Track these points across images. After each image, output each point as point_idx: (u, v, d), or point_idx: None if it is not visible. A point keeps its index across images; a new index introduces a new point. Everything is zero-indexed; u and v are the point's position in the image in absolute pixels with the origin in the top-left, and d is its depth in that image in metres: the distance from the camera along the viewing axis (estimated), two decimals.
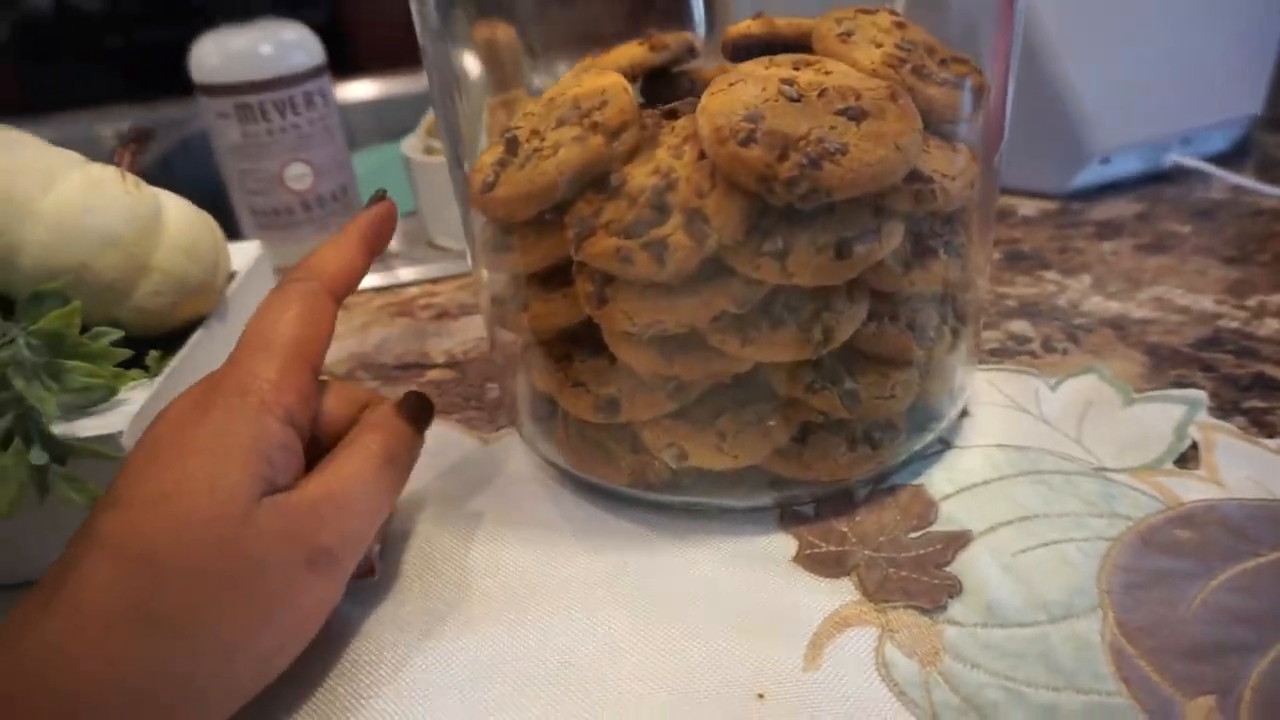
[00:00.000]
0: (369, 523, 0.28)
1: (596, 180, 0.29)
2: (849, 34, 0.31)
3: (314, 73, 0.53)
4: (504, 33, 0.36)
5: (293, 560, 0.24)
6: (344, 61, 1.23)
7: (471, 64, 0.35)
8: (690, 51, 0.35)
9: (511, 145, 0.30)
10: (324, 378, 0.30)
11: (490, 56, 0.36)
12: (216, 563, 0.23)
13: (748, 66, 0.29)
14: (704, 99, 0.28)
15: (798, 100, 0.27)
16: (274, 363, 0.27)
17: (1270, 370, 0.37)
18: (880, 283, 0.30)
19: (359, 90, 1.09)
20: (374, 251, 0.32)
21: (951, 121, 0.30)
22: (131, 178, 0.33)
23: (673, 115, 0.30)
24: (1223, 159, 0.58)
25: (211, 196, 0.38)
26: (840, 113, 0.27)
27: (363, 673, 0.27)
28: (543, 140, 0.30)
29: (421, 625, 0.29)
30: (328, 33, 0.57)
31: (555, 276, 0.32)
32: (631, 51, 0.33)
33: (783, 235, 0.27)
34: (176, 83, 0.63)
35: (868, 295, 0.30)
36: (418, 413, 0.31)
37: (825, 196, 0.26)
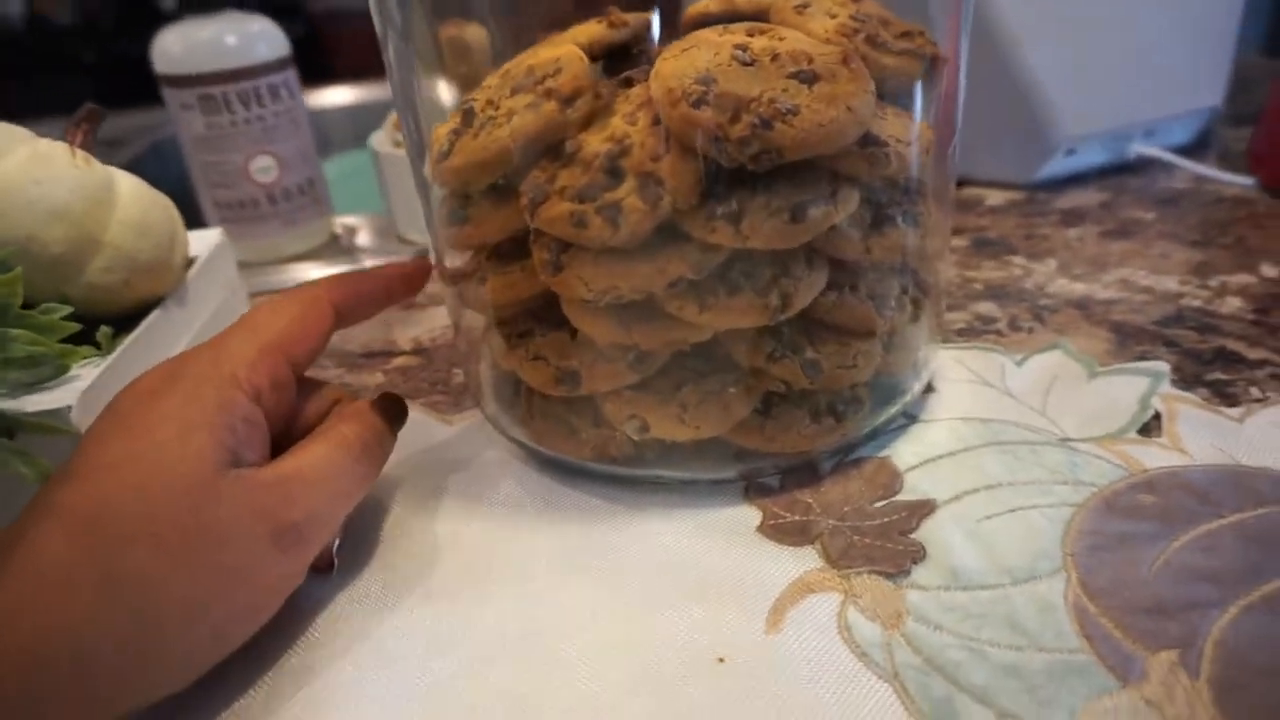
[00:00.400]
0: (337, 506, 0.27)
1: (551, 148, 0.29)
2: (805, 6, 0.31)
3: (279, 65, 0.53)
4: (472, 32, 0.36)
5: (257, 534, 0.24)
6: (320, 72, 1.23)
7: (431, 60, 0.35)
8: (649, 30, 0.35)
9: (467, 116, 0.30)
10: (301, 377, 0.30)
11: (457, 55, 0.36)
12: (177, 529, 0.22)
13: (702, 33, 0.29)
14: (657, 64, 0.28)
15: (750, 65, 0.27)
16: (252, 346, 0.27)
17: (1232, 344, 0.38)
18: (838, 251, 0.30)
19: (333, 96, 1.09)
20: (392, 294, 0.33)
21: (908, 90, 0.30)
22: (82, 154, 0.33)
23: (628, 84, 0.30)
24: (1185, 151, 0.58)
25: (181, 200, 0.38)
26: (792, 75, 0.27)
27: (319, 645, 0.27)
28: (497, 109, 0.29)
29: (380, 598, 0.28)
30: (305, 45, 0.57)
31: (513, 251, 0.32)
32: (591, 29, 0.33)
33: (737, 198, 0.27)
34: (147, 91, 0.63)
35: (826, 264, 0.30)
36: (391, 410, 0.31)
37: (777, 157, 0.26)
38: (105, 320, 0.33)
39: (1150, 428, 0.33)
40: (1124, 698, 0.23)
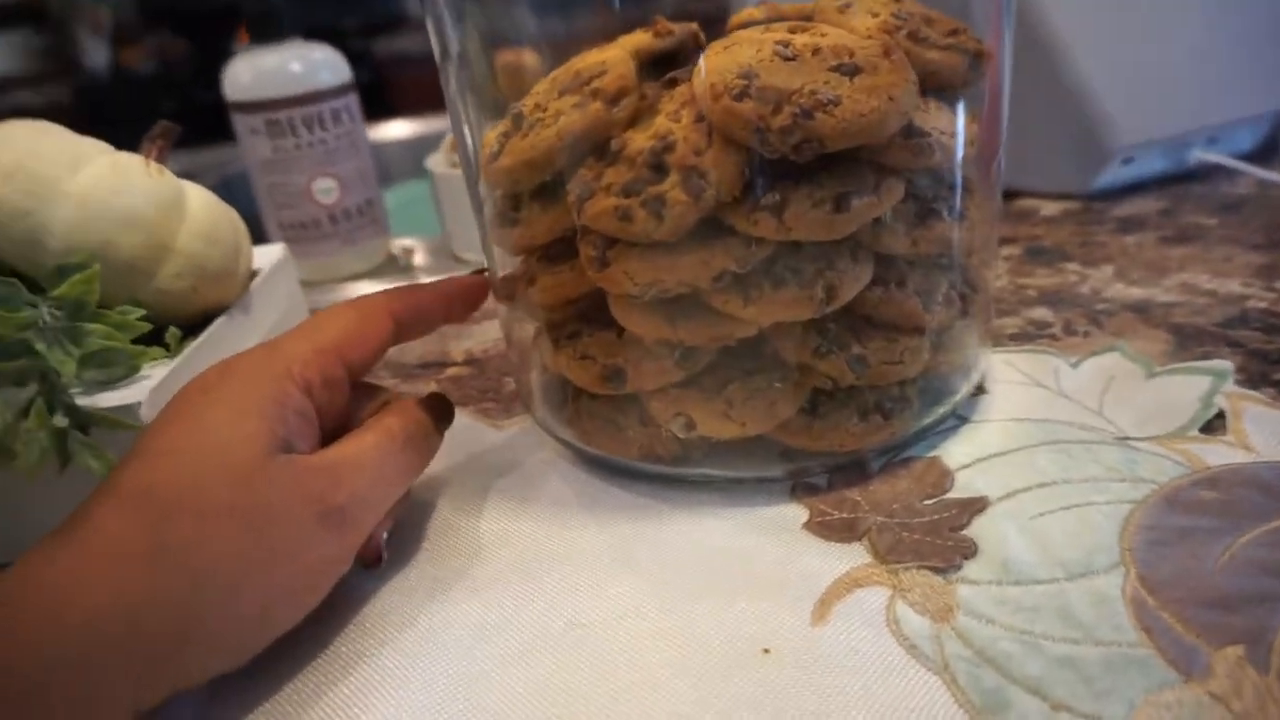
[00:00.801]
0: (383, 493, 0.28)
1: (598, 146, 0.29)
2: (847, 5, 0.31)
3: (341, 90, 0.55)
4: (529, 58, 0.37)
5: (304, 514, 0.25)
6: (384, 110, 1.28)
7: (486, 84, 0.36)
8: (695, 40, 0.36)
9: (517, 119, 0.31)
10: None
11: (512, 79, 0.37)
12: (226, 503, 0.23)
13: (745, 32, 0.29)
14: (700, 61, 0.28)
15: (792, 59, 0.28)
16: (308, 344, 0.28)
17: None
18: (883, 245, 0.30)
19: (394, 130, 1.13)
20: (451, 310, 0.34)
21: (952, 85, 0.30)
22: (155, 165, 0.34)
23: (672, 84, 0.31)
24: (1250, 157, 0.57)
25: (248, 225, 0.40)
26: (834, 69, 0.27)
27: (367, 633, 0.27)
28: (545, 111, 0.30)
29: (428, 590, 0.29)
30: (371, 91, 0.60)
31: (562, 252, 0.32)
32: (638, 38, 0.34)
33: (780, 190, 0.27)
34: (219, 131, 0.66)
35: (871, 258, 0.30)
36: (438, 409, 0.32)
37: (819, 147, 0.26)
38: (174, 325, 0.34)
39: (1214, 426, 0.32)
40: (1187, 692, 0.22)
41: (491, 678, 0.25)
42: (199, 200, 0.36)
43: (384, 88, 2.10)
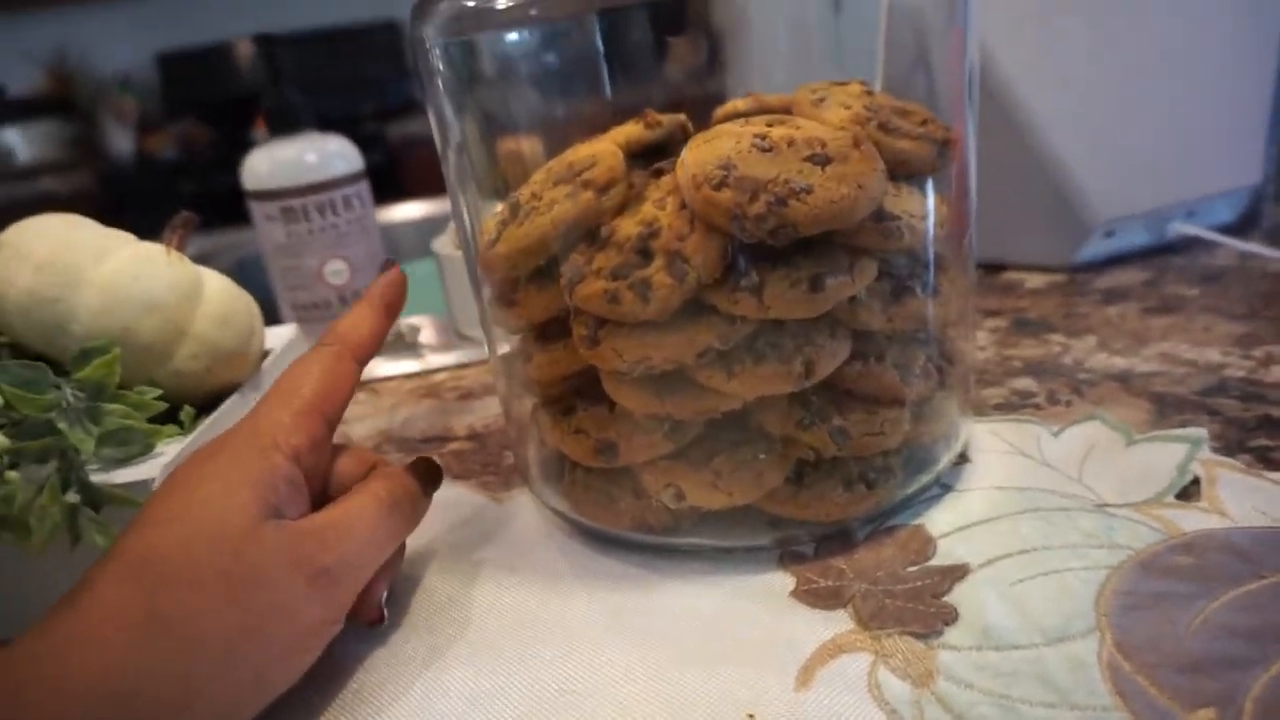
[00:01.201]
0: (371, 555, 0.29)
1: (589, 233, 0.31)
2: (821, 99, 0.33)
3: (353, 178, 0.58)
4: (528, 145, 0.40)
5: (294, 577, 0.26)
6: (395, 191, 1.33)
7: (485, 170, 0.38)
8: (683, 130, 0.38)
9: (514, 208, 0.33)
10: (340, 443, 0.32)
11: (512, 165, 0.39)
12: (219, 570, 0.24)
13: (725, 125, 0.31)
14: (683, 153, 0.30)
15: (769, 151, 0.30)
16: (289, 410, 0.29)
17: (1277, 411, 0.37)
18: (860, 321, 0.31)
19: (404, 211, 1.17)
20: (391, 313, 0.35)
21: (922, 171, 0.32)
22: (176, 254, 0.37)
23: (659, 174, 0.33)
24: (1229, 230, 0.59)
25: (261, 305, 0.41)
26: (807, 159, 0.29)
27: (363, 701, 0.28)
28: (539, 200, 0.32)
29: (423, 659, 0.30)
30: (384, 173, 0.63)
31: (556, 331, 0.34)
32: (628, 130, 0.36)
33: (758, 272, 0.29)
34: (236, 214, 0.69)
35: (849, 334, 0.31)
36: (426, 473, 0.33)
37: (793, 232, 0.28)
38: (188, 404, 0.36)
39: (1190, 492, 0.33)
40: None
41: None
42: (216, 286, 0.38)
43: (396, 170, 2.18)
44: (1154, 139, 0.56)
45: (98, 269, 0.34)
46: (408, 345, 0.62)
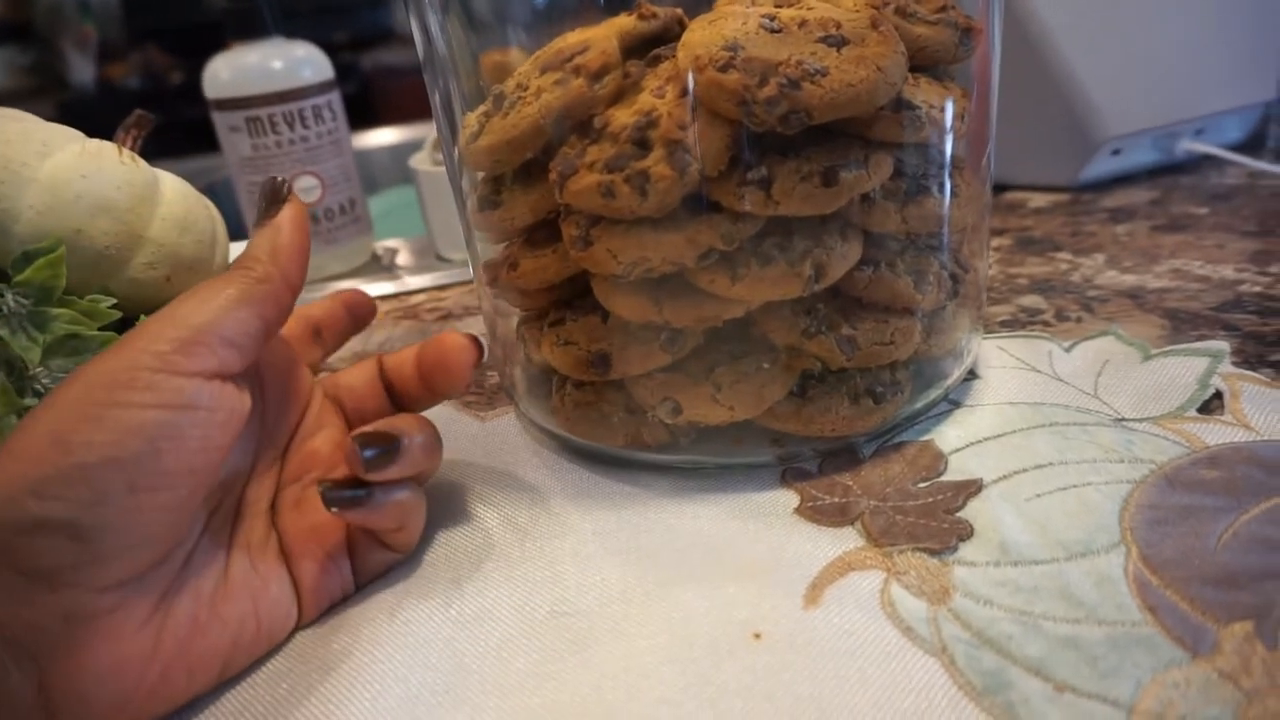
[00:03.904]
0: (219, 317, 0.24)
1: (580, 125, 0.29)
2: None
3: (323, 88, 0.54)
4: (515, 57, 0.37)
5: (154, 353, 0.22)
6: (373, 122, 1.28)
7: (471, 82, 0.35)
8: (680, 24, 0.35)
9: (498, 99, 0.30)
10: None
11: (499, 78, 0.36)
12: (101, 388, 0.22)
13: (729, 7, 0.29)
14: (685, 35, 0.28)
15: (778, 32, 0.27)
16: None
17: None
18: (873, 222, 0.29)
19: (380, 137, 1.12)
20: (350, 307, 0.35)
21: (942, 60, 0.30)
22: (128, 153, 0.33)
23: (657, 61, 0.30)
24: (1239, 148, 0.57)
25: (231, 232, 0.38)
26: (821, 40, 0.27)
27: (345, 630, 0.26)
28: (526, 89, 0.30)
29: (406, 585, 0.28)
30: (359, 101, 0.59)
31: (545, 236, 0.32)
32: (621, 21, 0.33)
33: (766, 164, 0.27)
34: (207, 143, 0.65)
35: (861, 236, 0.29)
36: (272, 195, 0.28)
37: (806, 118, 0.26)
38: (147, 315, 0.33)
39: (1211, 406, 0.31)
40: (1195, 670, 0.21)
41: (472, 670, 0.24)
42: (173, 188, 0.35)
43: (371, 99, 2.10)
44: (1166, 54, 0.53)
45: (42, 166, 0.31)
46: (383, 267, 0.59)
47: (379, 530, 0.27)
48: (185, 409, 0.22)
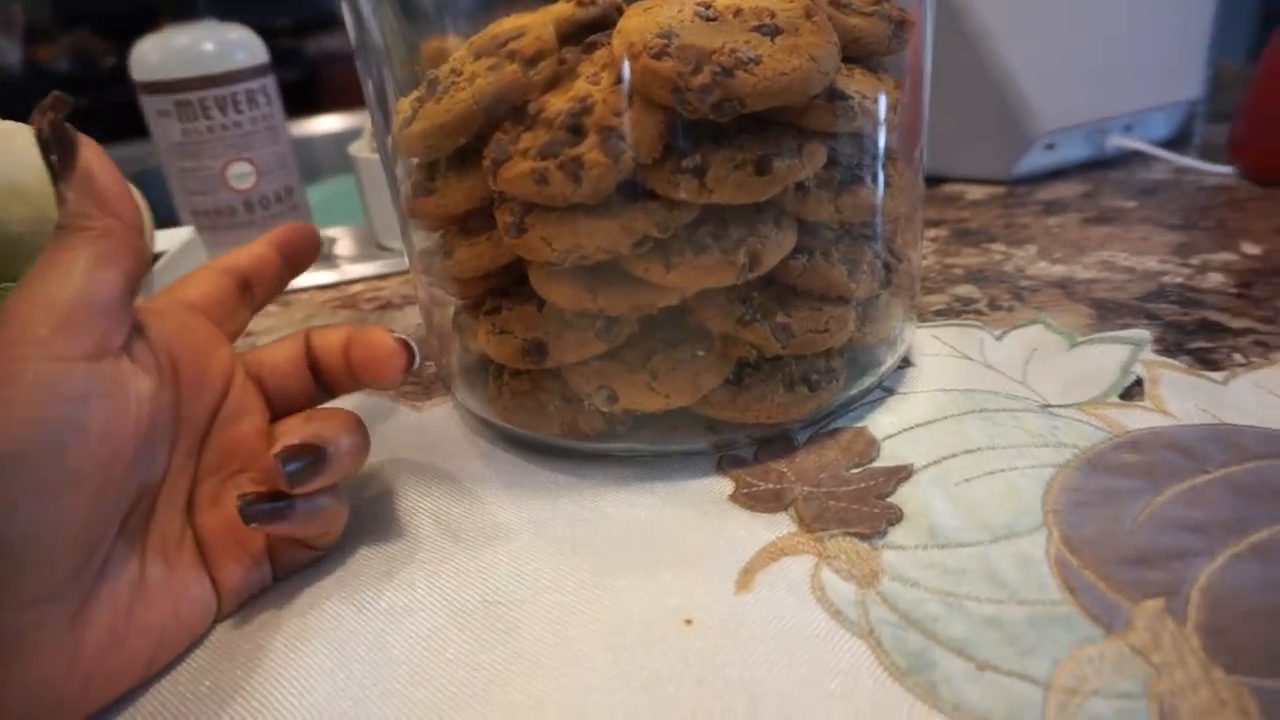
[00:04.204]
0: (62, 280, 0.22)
1: (515, 111, 0.28)
2: None
3: (257, 71, 0.53)
4: (454, 44, 0.36)
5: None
6: (316, 109, 1.25)
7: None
8: (618, 11, 0.35)
9: (432, 84, 0.30)
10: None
11: (436, 64, 0.36)
12: None
13: None
14: (620, 22, 0.28)
15: (713, 20, 0.27)
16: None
17: (1215, 316, 0.37)
18: (807, 211, 0.29)
19: (324, 124, 1.10)
20: (283, 249, 0.33)
21: (876, 52, 0.30)
22: None
23: (593, 48, 0.30)
24: (1166, 145, 0.58)
25: (161, 217, 0.37)
26: (755, 29, 0.27)
27: (272, 625, 0.25)
28: (460, 75, 0.29)
29: (338, 575, 0.27)
30: (304, 88, 0.57)
31: (480, 224, 0.31)
32: (560, 8, 0.33)
33: (701, 153, 0.27)
34: (139, 129, 0.63)
35: (795, 225, 0.29)
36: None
37: (739, 106, 0.26)
38: None
39: (1133, 393, 0.32)
40: (1109, 646, 0.22)
41: (401, 661, 0.24)
42: None
43: (316, 85, 2.06)
44: (1097, 51, 0.55)
45: None
46: (322, 256, 0.58)
47: (301, 537, 0.27)
48: (81, 399, 0.21)
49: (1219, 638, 0.21)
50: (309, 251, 0.33)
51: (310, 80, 2.06)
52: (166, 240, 0.40)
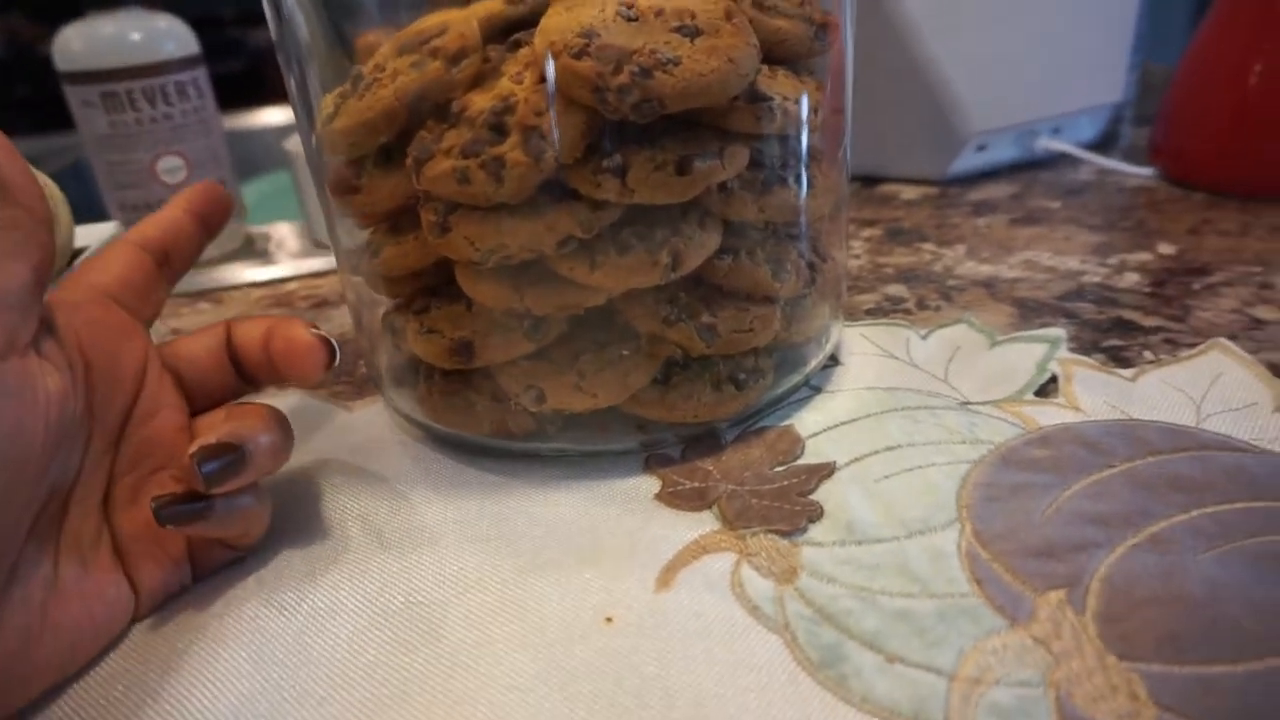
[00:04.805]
0: None
1: (437, 108, 0.28)
2: None
3: (187, 63, 0.52)
4: (386, 38, 0.36)
5: None
6: (260, 102, 1.22)
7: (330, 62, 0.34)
8: (548, 7, 0.35)
9: (355, 80, 0.30)
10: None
11: (369, 57, 0.35)
12: None
13: None
14: (542, 21, 0.28)
15: (634, 20, 0.27)
16: None
17: (1128, 314, 0.38)
18: (731, 211, 0.30)
19: (266, 117, 1.08)
20: (193, 210, 0.32)
21: (798, 54, 0.31)
22: None
23: (517, 46, 0.30)
24: (1092, 147, 0.60)
25: (89, 210, 0.36)
26: (675, 30, 0.27)
27: (189, 627, 0.25)
28: (383, 71, 0.29)
29: (259, 576, 0.27)
30: (248, 79, 0.56)
31: (407, 223, 0.31)
32: (488, 5, 0.33)
33: (622, 153, 0.27)
34: (65, 119, 0.61)
35: (719, 226, 0.30)
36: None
37: (659, 106, 0.26)
38: None
39: (1048, 390, 0.33)
40: (1012, 637, 0.22)
41: (319, 664, 0.24)
42: None
43: (261, 77, 2.02)
44: (1026, 54, 0.56)
45: None
46: (257, 252, 0.57)
47: (221, 538, 0.26)
48: None
49: (1114, 625, 0.22)
50: (222, 212, 0.32)
51: (254, 71, 2.01)
52: (87, 235, 0.39)
